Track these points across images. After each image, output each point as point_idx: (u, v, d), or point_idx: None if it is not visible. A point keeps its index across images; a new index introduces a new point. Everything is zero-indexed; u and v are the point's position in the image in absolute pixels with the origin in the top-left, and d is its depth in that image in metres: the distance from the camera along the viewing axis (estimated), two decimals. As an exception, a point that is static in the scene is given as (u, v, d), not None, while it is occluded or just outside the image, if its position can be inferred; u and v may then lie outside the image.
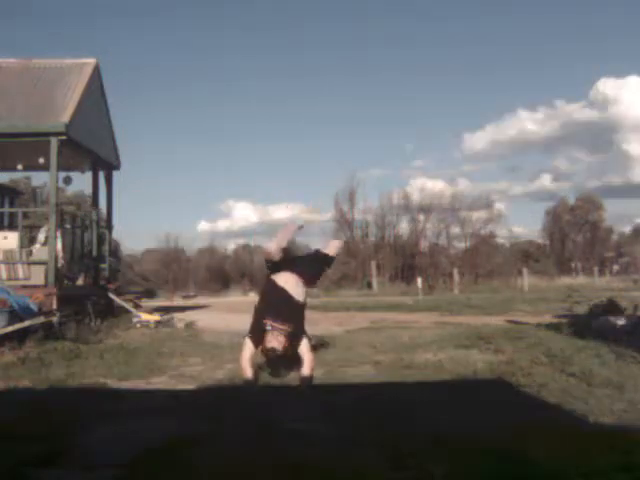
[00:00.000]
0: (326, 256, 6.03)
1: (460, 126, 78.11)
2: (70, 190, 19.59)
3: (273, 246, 5.59)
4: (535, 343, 7.06)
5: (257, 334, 5.17)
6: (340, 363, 6.31)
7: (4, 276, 10.01)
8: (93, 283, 12.30)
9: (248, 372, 5.12)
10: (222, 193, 79.88)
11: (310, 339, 5.45)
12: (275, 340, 5.06)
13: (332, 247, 6.22)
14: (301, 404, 4.57)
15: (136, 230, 65.26)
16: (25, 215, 14.85)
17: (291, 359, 5.25)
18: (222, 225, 66.12)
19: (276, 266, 5.57)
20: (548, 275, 32.80)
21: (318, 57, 69.59)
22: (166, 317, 11.31)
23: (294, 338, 5.14)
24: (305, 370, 5.13)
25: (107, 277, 12.89)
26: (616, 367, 5.53)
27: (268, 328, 5.07)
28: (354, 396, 4.78)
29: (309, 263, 5.94)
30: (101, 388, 5.26)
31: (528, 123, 65.02)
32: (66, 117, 10.26)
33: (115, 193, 13.61)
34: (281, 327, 5.07)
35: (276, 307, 5.25)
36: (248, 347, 5.19)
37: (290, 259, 5.73)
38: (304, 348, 5.18)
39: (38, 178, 29.59)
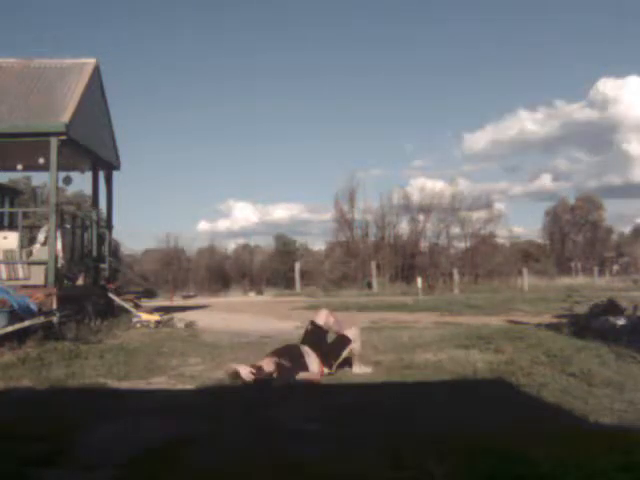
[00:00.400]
0: (345, 339, 6.10)
1: (460, 126, 78.06)
2: (70, 190, 19.59)
3: (325, 316, 6.06)
4: (535, 343, 7.07)
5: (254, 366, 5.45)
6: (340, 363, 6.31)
7: (4, 276, 10.01)
8: (93, 283, 12.30)
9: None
10: (222, 193, 79.89)
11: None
12: (267, 362, 5.34)
13: (350, 332, 6.26)
14: (301, 404, 4.57)
15: (136, 230, 65.21)
16: (25, 215, 14.84)
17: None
18: (222, 225, 66.04)
19: (308, 338, 5.96)
20: (548, 275, 32.79)
21: (318, 57, 69.62)
22: (166, 317, 11.31)
23: (287, 372, 5.41)
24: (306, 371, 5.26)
25: (107, 277, 12.89)
26: (616, 367, 5.53)
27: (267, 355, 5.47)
28: (354, 396, 4.78)
29: (332, 346, 6.07)
30: (101, 388, 5.26)
31: (528, 123, 65.00)
32: (66, 117, 10.26)
33: (115, 193, 13.64)
34: (278, 361, 5.40)
35: (285, 355, 5.57)
36: (242, 369, 5.42)
37: (321, 339, 6.00)
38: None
39: (38, 178, 29.61)
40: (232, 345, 7.76)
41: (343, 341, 5.98)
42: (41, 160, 11.10)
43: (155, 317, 10.91)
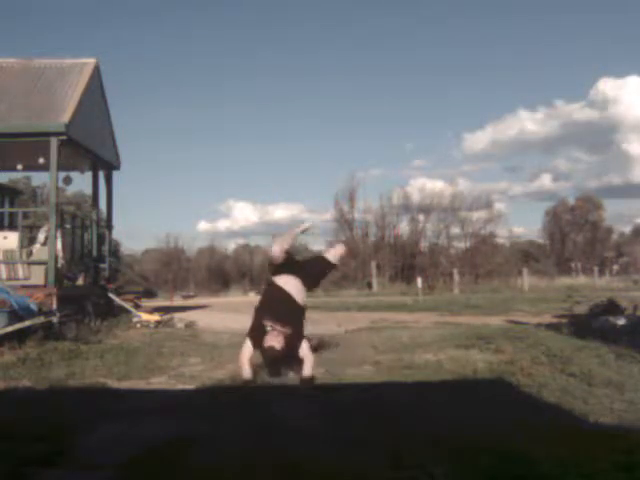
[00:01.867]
0: (328, 262, 5.95)
1: (460, 126, 77.99)
2: (70, 190, 19.55)
3: (277, 249, 5.53)
4: (535, 343, 7.06)
5: (257, 334, 5.15)
6: (340, 363, 6.31)
7: (4, 276, 10.01)
8: (93, 283, 12.30)
9: (247, 371, 5.11)
10: (222, 193, 79.90)
11: (310, 340, 5.44)
12: (274, 339, 5.04)
13: (334, 253, 6.02)
14: (301, 404, 4.57)
15: (136, 230, 65.19)
16: (25, 215, 14.84)
17: (290, 360, 5.25)
18: (222, 225, 66.08)
19: (278, 269, 5.54)
20: (548, 275, 32.76)
21: (318, 57, 69.59)
22: (166, 317, 11.32)
23: (293, 340, 5.13)
24: (306, 371, 5.11)
25: (107, 277, 12.89)
26: (616, 367, 5.54)
27: (268, 329, 5.06)
28: (354, 396, 4.78)
29: (310, 267, 5.88)
30: (101, 388, 5.26)
31: (528, 123, 64.86)
32: (66, 117, 10.26)
33: (115, 193, 13.64)
34: (281, 329, 5.06)
35: (276, 309, 5.21)
36: (247, 347, 5.17)
37: (292, 262, 5.67)
38: (305, 350, 5.17)
39: (38, 178, 29.66)
40: (232, 345, 7.74)
41: (326, 264, 5.90)
42: (41, 160, 11.11)
43: (155, 317, 10.92)
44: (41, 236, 10.81)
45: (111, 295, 11.81)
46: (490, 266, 33.16)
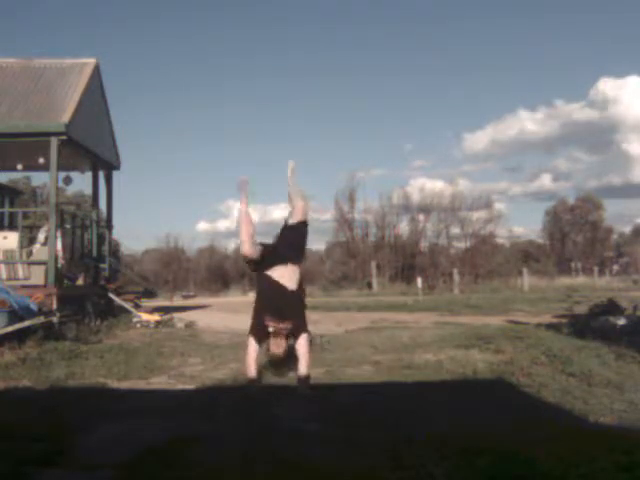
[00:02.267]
0: (299, 226, 5.50)
1: (460, 126, 77.86)
2: (70, 190, 19.58)
3: (246, 248, 5.15)
4: (535, 343, 7.06)
5: (259, 331, 5.06)
6: (340, 363, 6.32)
7: (4, 276, 10.01)
8: (93, 283, 12.30)
9: (252, 371, 5.03)
10: (222, 193, 79.85)
11: (310, 334, 5.38)
12: (276, 345, 4.99)
13: (299, 212, 5.52)
14: (301, 404, 4.57)
15: (136, 230, 65.13)
16: (25, 215, 14.86)
17: (291, 361, 5.23)
18: (222, 225, 66.03)
19: (263, 262, 5.20)
20: (548, 275, 32.75)
21: (318, 57, 69.60)
22: (166, 317, 11.32)
23: (295, 334, 5.07)
24: (301, 369, 4.99)
25: (107, 277, 12.89)
26: (616, 367, 5.54)
27: (270, 330, 5.01)
28: (354, 396, 4.78)
29: (289, 244, 5.40)
30: (101, 388, 5.26)
31: (528, 123, 64.82)
32: (66, 117, 10.26)
33: (115, 193, 13.64)
34: (282, 326, 5.00)
35: (275, 306, 5.06)
36: (252, 346, 5.02)
37: (271, 250, 5.30)
38: (302, 343, 5.02)
39: (38, 178, 29.71)
40: (232, 345, 7.76)
41: (300, 230, 5.46)
42: (41, 160, 11.11)
43: (155, 317, 10.92)
44: (41, 236, 10.81)
45: (111, 295, 11.81)
46: (490, 266, 33.16)
